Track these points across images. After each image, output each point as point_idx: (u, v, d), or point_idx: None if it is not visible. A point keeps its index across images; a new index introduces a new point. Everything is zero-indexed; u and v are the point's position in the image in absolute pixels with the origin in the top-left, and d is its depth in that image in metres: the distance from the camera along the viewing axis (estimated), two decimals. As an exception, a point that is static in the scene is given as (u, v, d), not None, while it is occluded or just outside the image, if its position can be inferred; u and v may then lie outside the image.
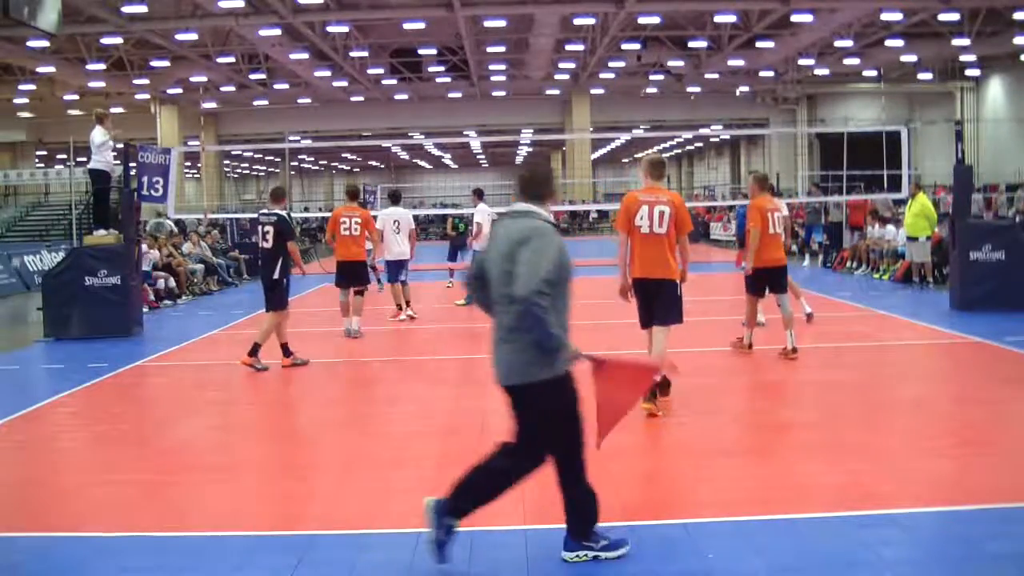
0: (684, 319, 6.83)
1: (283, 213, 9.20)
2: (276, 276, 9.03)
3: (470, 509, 4.07)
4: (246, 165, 61.69)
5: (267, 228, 9.04)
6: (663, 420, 7.01)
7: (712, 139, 52.02)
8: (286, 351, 9.17)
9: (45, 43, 24.58)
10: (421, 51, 31.07)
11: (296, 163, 57.84)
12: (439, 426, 6.76)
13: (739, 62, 31.54)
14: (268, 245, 9.07)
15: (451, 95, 37.72)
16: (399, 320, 12.48)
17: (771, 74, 35.24)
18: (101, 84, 31.88)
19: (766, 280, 9.07)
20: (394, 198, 13.26)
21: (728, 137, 49.30)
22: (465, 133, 39.80)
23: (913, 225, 14.54)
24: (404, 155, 61.62)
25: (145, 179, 12.64)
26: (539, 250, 3.82)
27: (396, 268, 12.51)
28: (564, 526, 4.26)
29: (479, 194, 14.25)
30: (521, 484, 4.11)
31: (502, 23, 25.68)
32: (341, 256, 11.17)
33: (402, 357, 10.01)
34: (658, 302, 6.72)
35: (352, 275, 11.13)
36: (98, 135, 11.70)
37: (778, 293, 9.12)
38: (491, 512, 4.74)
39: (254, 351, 8.93)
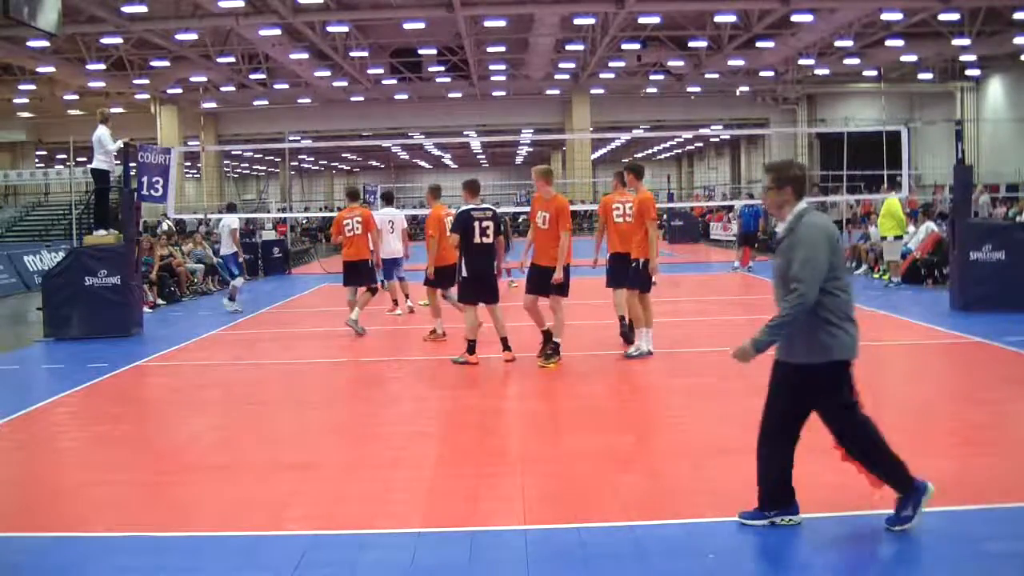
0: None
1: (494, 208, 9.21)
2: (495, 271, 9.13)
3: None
4: (246, 165, 61.69)
5: (486, 224, 8.79)
6: (663, 421, 7.01)
7: (712, 139, 52.05)
8: (505, 344, 8.98)
9: (45, 43, 24.58)
10: (421, 51, 31.05)
11: (296, 163, 57.83)
12: (439, 426, 6.76)
13: (739, 62, 31.54)
14: (489, 240, 8.84)
15: (451, 95, 37.71)
16: (395, 315, 12.95)
17: (771, 74, 35.24)
18: (101, 84, 31.89)
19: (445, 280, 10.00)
20: (387, 199, 13.79)
21: (728, 137, 49.33)
22: (465, 133, 39.79)
23: (881, 225, 15.51)
24: (404, 155, 61.64)
25: (145, 179, 12.63)
26: None
27: (392, 265, 13.02)
28: (564, 525, 4.28)
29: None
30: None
31: (502, 23, 25.67)
32: (348, 256, 11.38)
33: (402, 357, 10.00)
34: (549, 280, 8.64)
35: (362, 274, 11.38)
36: (103, 135, 11.72)
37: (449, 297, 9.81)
38: (491, 512, 4.75)
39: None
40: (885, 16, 25.36)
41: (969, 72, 33.96)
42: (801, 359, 4.25)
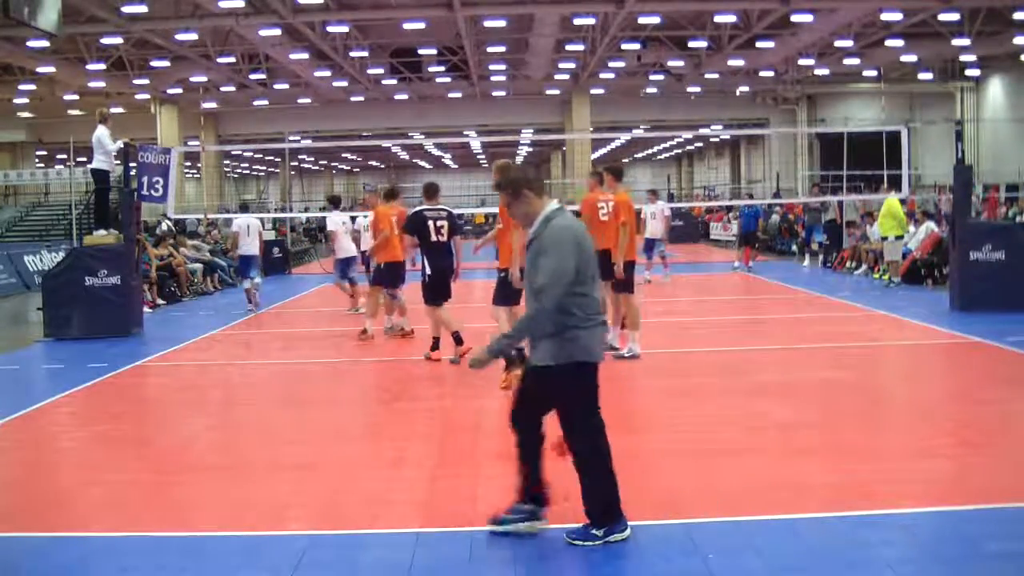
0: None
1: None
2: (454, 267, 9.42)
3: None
4: (246, 165, 61.69)
5: (440, 223, 9.18)
6: (661, 421, 7.01)
7: (712, 139, 52.03)
8: (436, 345, 9.29)
9: (45, 43, 24.55)
10: (421, 51, 31.04)
11: (296, 163, 57.84)
12: (438, 426, 6.76)
13: (739, 62, 31.52)
14: (444, 239, 9.22)
15: (451, 95, 37.69)
16: (353, 313, 12.92)
17: (771, 74, 35.22)
18: (101, 84, 31.86)
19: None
20: (335, 202, 14.81)
21: (728, 137, 49.31)
22: (465, 133, 39.76)
23: (882, 225, 15.45)
24: (404, 155, 61.63)
25: (145, 179, 12.63)
26: None
27: (346, 265, 13.43)
28: (563, 526, 4.29)
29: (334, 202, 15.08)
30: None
31: (502, 23, 25.66)
32: (385, 258, 10.94)
33: (401, 357, 10.00)
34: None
35: (388, 276, 11.06)
36: (103, 135, 11.72)
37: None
38: (491, 512, 4.75)
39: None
40: (885, 16, 25.33)
41: (969, 72, 33.94)
42: (545, 361, 4.24)
